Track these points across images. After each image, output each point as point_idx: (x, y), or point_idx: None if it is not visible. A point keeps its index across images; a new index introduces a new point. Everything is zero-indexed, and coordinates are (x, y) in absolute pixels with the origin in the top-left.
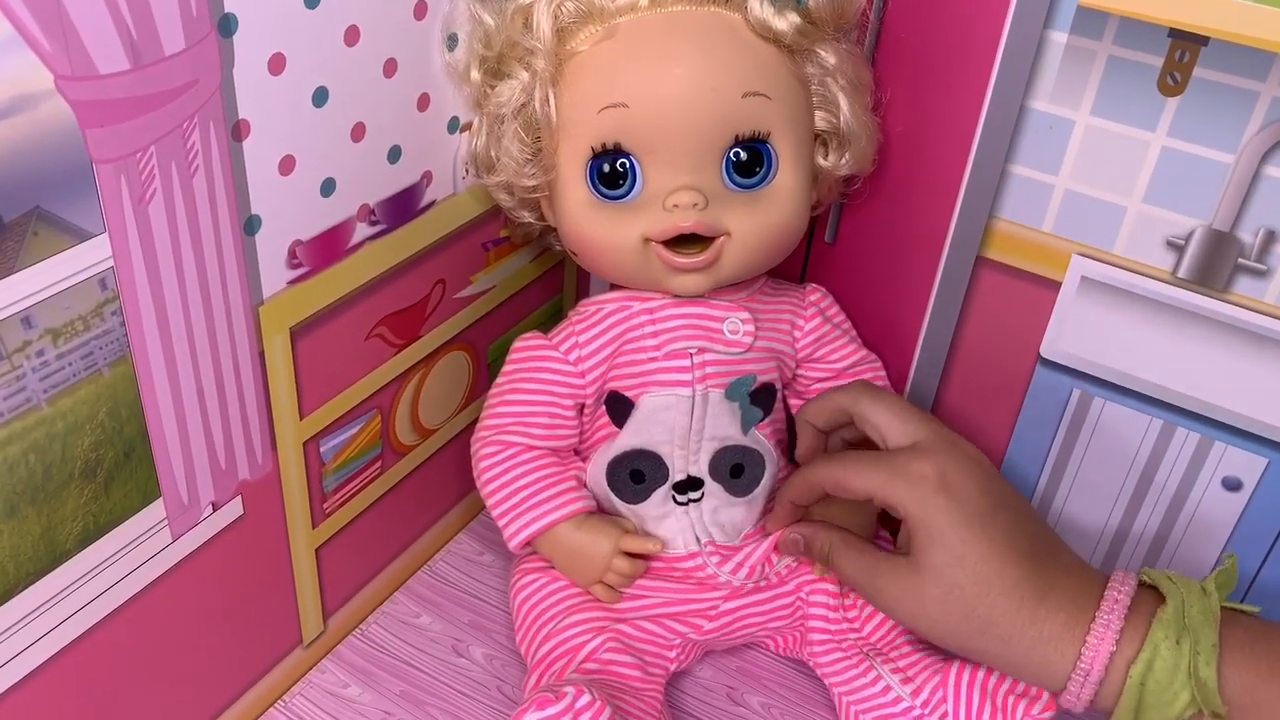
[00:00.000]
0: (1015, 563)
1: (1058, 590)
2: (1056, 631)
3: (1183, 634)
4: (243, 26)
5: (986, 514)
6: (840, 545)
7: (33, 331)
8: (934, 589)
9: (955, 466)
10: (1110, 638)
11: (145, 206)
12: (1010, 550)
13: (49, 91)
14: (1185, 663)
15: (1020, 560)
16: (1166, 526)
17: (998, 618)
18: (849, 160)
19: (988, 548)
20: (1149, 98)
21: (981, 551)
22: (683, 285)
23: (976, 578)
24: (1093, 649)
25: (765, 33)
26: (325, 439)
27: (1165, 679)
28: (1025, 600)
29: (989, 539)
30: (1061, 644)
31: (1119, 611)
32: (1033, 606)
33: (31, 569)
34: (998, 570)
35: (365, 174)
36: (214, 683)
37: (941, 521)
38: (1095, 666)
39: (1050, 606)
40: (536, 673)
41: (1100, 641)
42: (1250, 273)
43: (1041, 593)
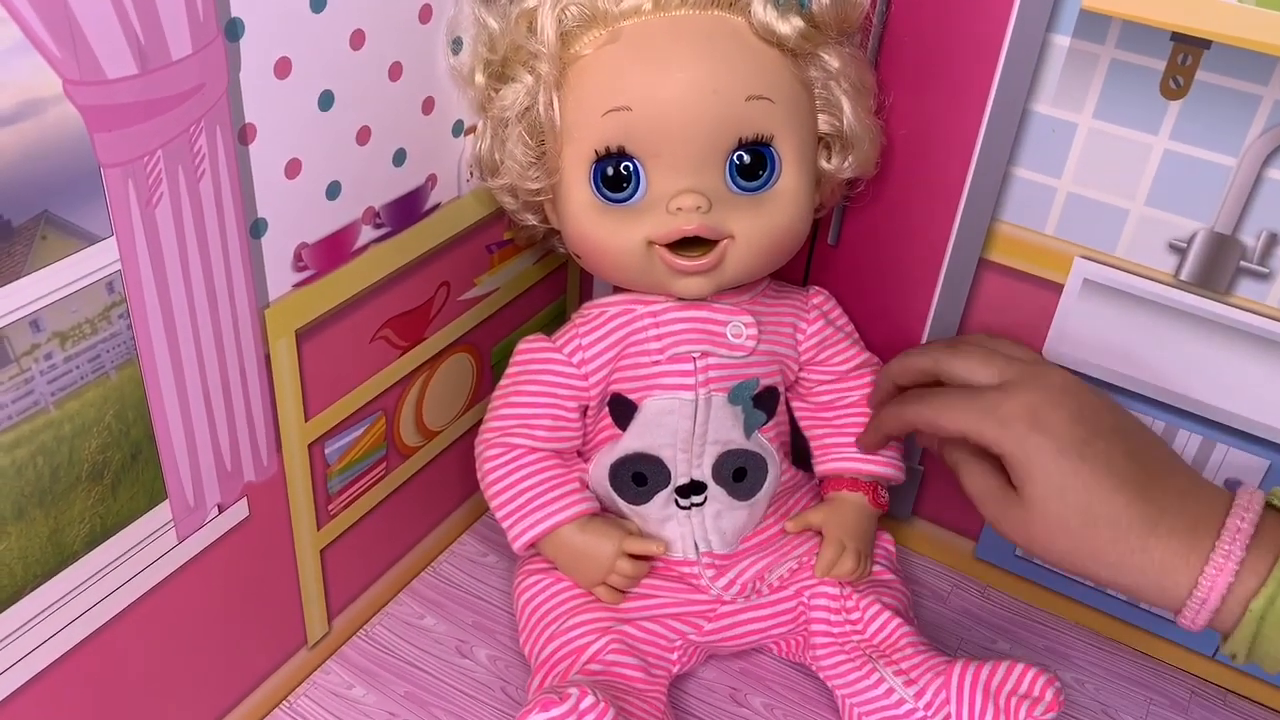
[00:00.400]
0: (1119, 489)
1: (1170, 515)
2: (1169, 560)
3: None
4: (249, 30)
5: (1083, 444)
6: (966, 464)
7: (41, 335)
8: (1041, 523)
9: (1045, 399)
10: (1230, 569)
11: (152, 210)
12: (1112, 478)
13: (57, 96)
14: None
15: (1124, 487)
16: None
17: (1105, 546)
18: (852, 163)
19: (1089, 477)
20: (1151, 101)
21: (1082, 482)
22: (686, 288)
23: (1079, 509)
24: (1210, 579)
25: (769, 36)
26: (330, 441)
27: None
28: (1134, 527)
29: (1089, 468)
30: (1176, 573)
31: (1240, 542)
32: (1143, 534)
33: (39, 571)
34: (1102, 499)
35: (370, 177)
36: (219, 684)
37: (1037, 458)
38: (1212, 597)
39: (1162, 533)
40: (540, 674)
41: (1219, 573)
42: (1252, 275)
43: (1152, 520)
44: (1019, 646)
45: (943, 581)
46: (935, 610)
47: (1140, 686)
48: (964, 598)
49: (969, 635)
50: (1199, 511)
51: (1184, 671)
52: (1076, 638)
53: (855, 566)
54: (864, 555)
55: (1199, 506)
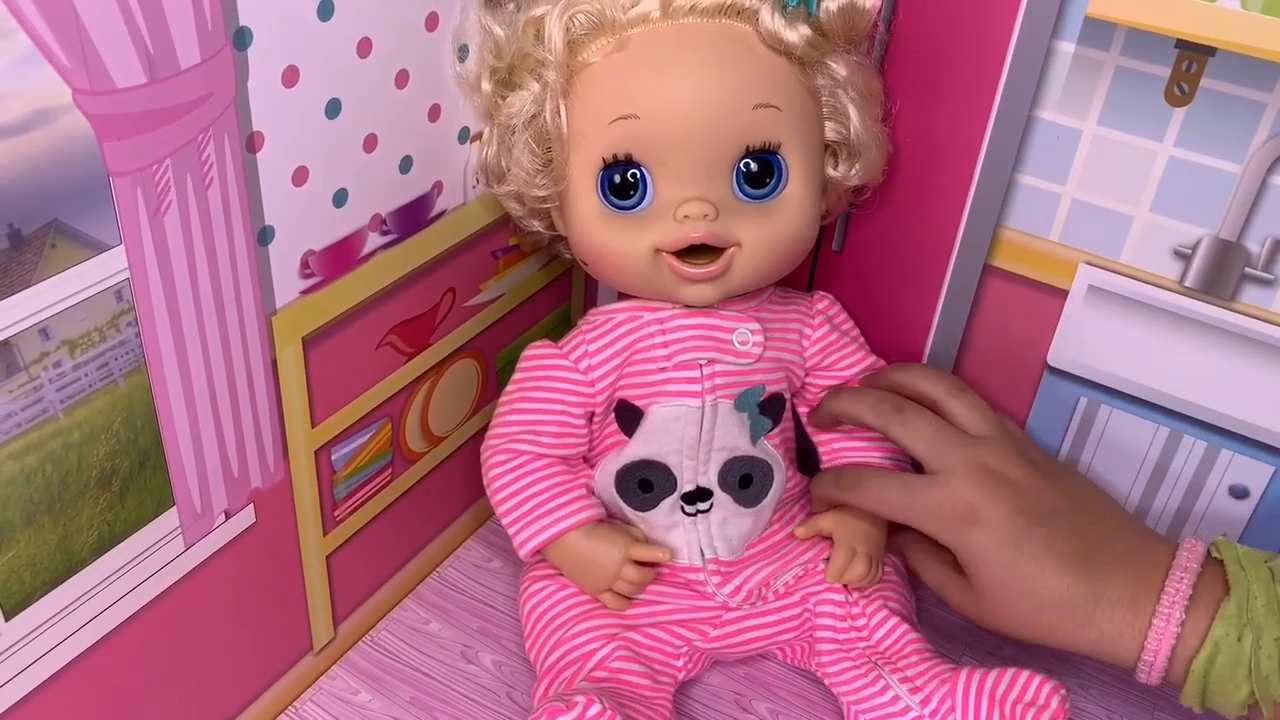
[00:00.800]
0: (1060, 571)
1: (1114, 586)
2: (1116, 630)
3: (1245, 629)
4: (257, 39)
5: (1021, 535)
6: (917, 554)
7: (50, 343)
8: (993, 607)
9: (983, 495)
10: (1171, 633)
11: (161, 218)
12: (1053, 561)
13: (67, 106)
14: (1247, 657)
15: (1065, 568)
16: (1174, 534)
17: (1055, 626)
18: (859, 171)
19: (1029, 565)
20: (1156, 108)
21: (1023, 571)
22: (693, 295)
23: (1024, 595)
24: (1154, 644)
25: (776, 44)
26: (336, 447)
27: (1227, 673)
28: (1079, 606)
29: (1028, 557)
30: (1124, 640)
31: (1179, 605)
32: (1088, 610)
33: (47, 577)
34: (1044, 584)
35: (377, 184)
36: (225, 689)
37: (979, 554)
38: (1158, 660)
39: (1106, 606)
40: (546, 680)
41: (1161, 638)
42: (1257, 282)
43: (1096, 595)
44: (1024, 653)
45: None
46: (940, 616)
47: (1144, 693)
48: None
49: (974, 642)
50: (1141, 576)
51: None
52: None
53: (866, 571)
54: (875, 561)
55: (1141, 571)
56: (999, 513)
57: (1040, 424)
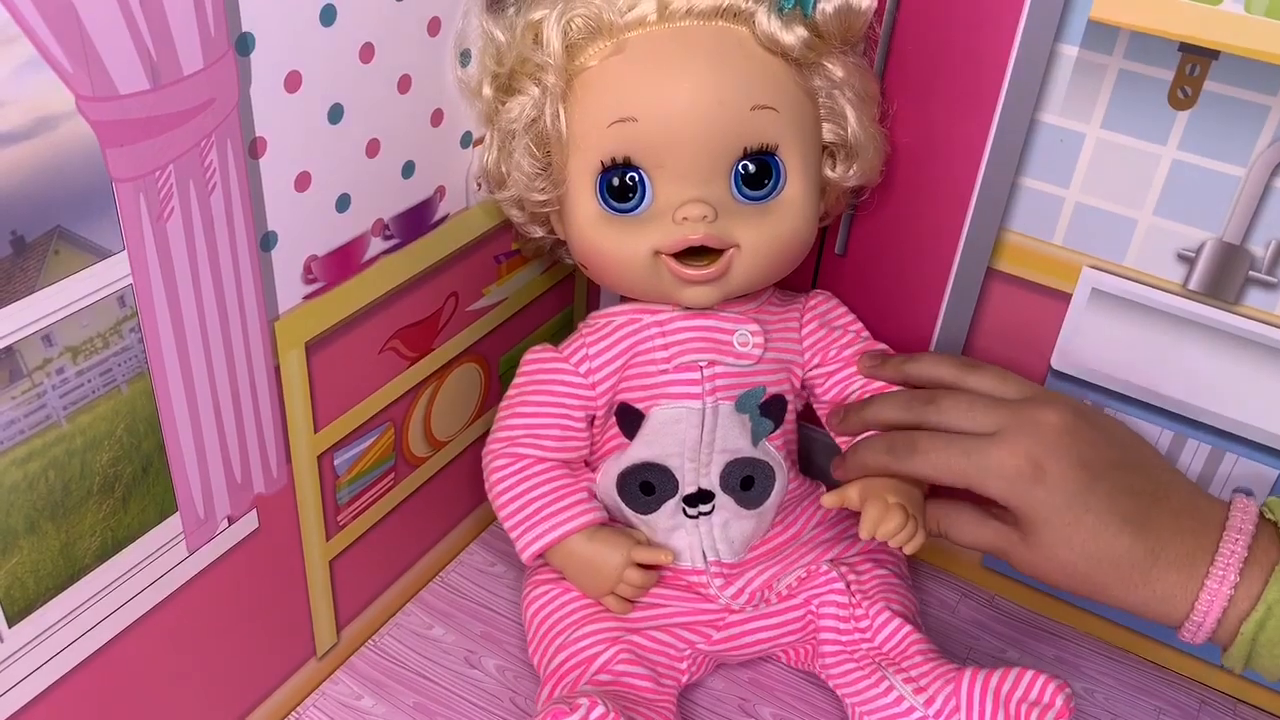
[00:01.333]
0: (1121, 531)
1: (1170, 547)
2: (1170, 590)
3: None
4: (260, 45)
5: (1085, 490)
6: (954, 518)
7: (53, 349)
8: (1049, 564)
9: (1044, 449)
10: (1224, 595)
11: (164, 224)
12: (1114, 519)
13: (70, 112)
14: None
15: (1125, 527)
16: None
17: (1110, 583)
18: (856, 172)
19: (1092, 524)
20: (1160, 111)
21: (1086, 530)
22: (693, 297)
23: (1085, 554)
24: (1205, 605)
25: (773, 46)
26: (339, 452)
27: (1278, 635)
28: (1136, 565)
29: (1093, 515)
30: (1176, 600)
31: (1234, 567)
32: (1145, 569)
33: (50, 584)
34: (1106, 544)
35: (379, 189)
36: (228, 695)
37: (1043, 512)
38: (1208, 620)
39: (1163, 566)
40: (549, 684)
41: (1213, 599)
42: (1261, 285)
43: (1153, 555)
44: (1028, 655)
45: (951, 590)
46: (944, 619)
47: (1150, 696)
48: (973, 607)
49: (978, 644)
50: (1196, 537)
51: (1193, 681)
52: (1086, 647)
53: (902, 523)
54: (912, 513)
55: (1196, 530)
56: (1061, 467)
57: None
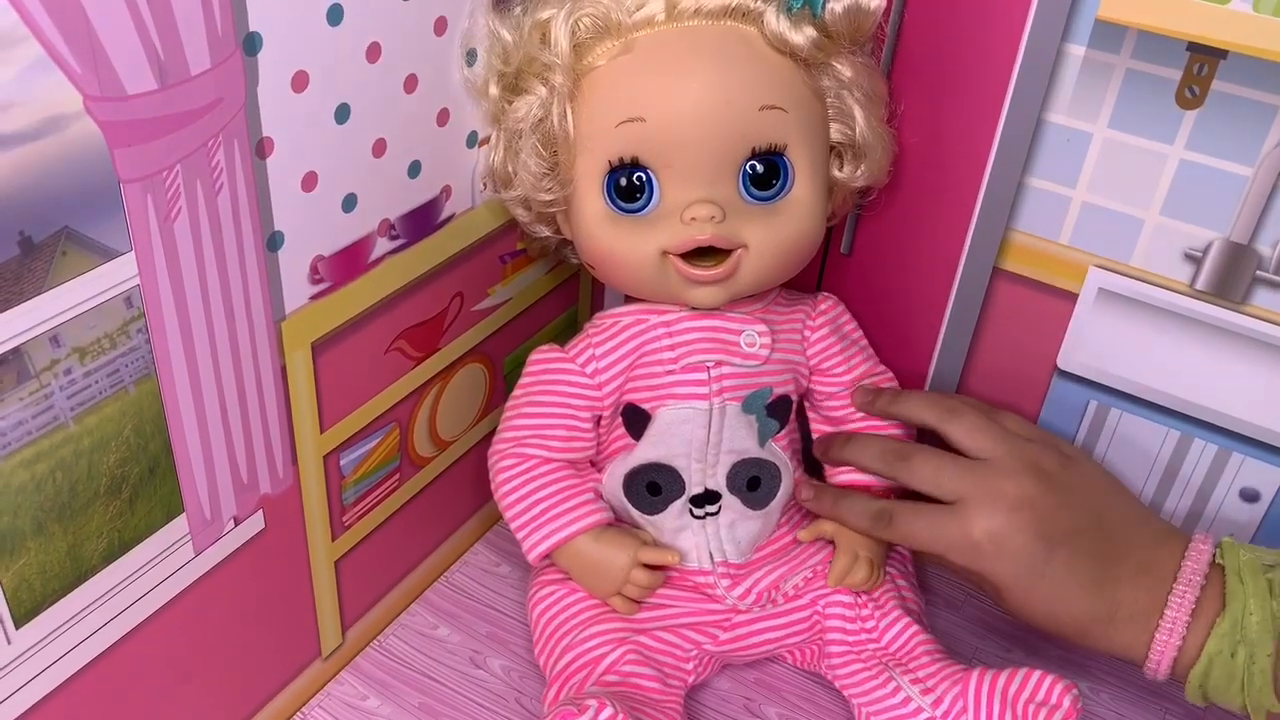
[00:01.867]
0: (1079, 595)
1: (1126, 605)
2: (1128, 641)
3: (1238, 646)
4: (267, 45)
5: (1043, 561)
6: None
7: (60, 350)
8: (1017, 615)
9: (1001, 524)
10: (1174, 645)
11: (171, 224)
12: (1072, 584)
13: (78, 113)
14: (1240, 672)
15: (1083, 591)
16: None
17: (1074, 636)
18: (864, 172)
19: (1049, 590)
20: (1167, 111)
21: (1044, 595)
22: (700, 298)
23: (1046, 613)
24: (1157, 655)
25: (781, 46)
26: (345, 452)
27: (1223, 684)
28: (1096, 622)
29: (1049, 582)
30: (1134, 649)
31: (1182, 619)
32: (1104, 625)
33: (57, 585)
34: (1065, 606)
35: (386, 189)
36: (234, 695)
37: (1003, 579)
38: (1162, 667)
39: (1120, 622)
40: (556, 685)
41: (1164, 650)
42: (1268, 285)
43: (1110, 613)
44: (1034, 655)
45: (957, 591)
46: (949, 619)
47: (1155, 696)
48: (978, 606)
49: (983, 644)
50: (1150, 592)
51: None
52: None
53: (868, 576)
54: (877, 565)
55: (1150, 586)
56: (1020, 541)
57: (1050, 428)
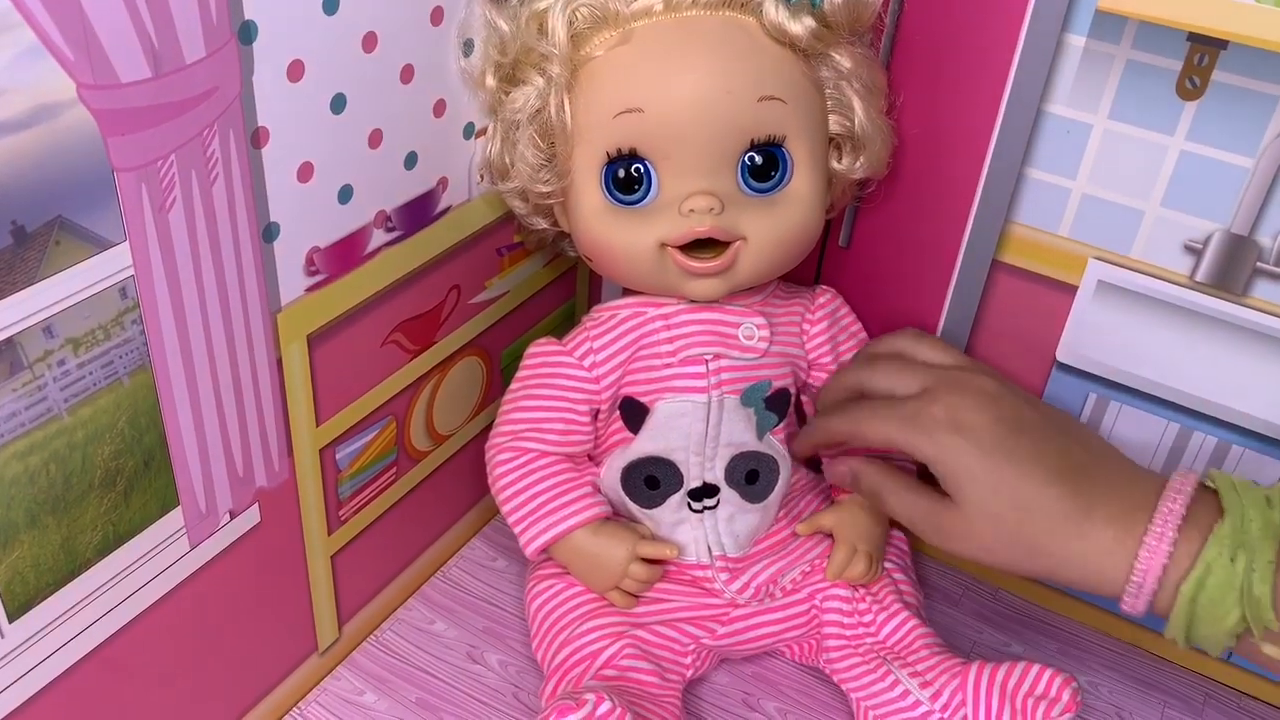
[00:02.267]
0: (1050, 481)
1: (1105, 503)
2: (1107, 545)
3: (1239, 550)
4: (262, 33)
5: (1006, 440)
6: (890, 484)
7: (54, 341)
8: (979, 524)
9: (964, 403)
10: (1163, 551)
11: (165, 215)
12: (1042, 470)
13: (71, 101)
14: (1239, 580)
15: (1054, 479)
16: None
17: (1045, 540)
18: (863, 164)
19: (1016, 473)
20: (1167, 101)
21: (1011, 477)
22: (699, 290)
23: (1014, 504)
24: (1144, 564)
25: (780, 36)
26: (341, 445)
27: (1218, 595)
28: (1069, 516)
29: (1015, 464)
30: (1114, 557)
31: (1172, 524)
32: (1078, 521)
33: (51, 579)
34: (1034, 492)
35: (382, 180)
36: (229, 690)
37: (964, 460)
38: (1148, 581)
39: (1097, 520)
40: (554, 680)
41: (1152, 556)
42: (1269, 277)
43: (1086, 508)
44: (1032, 650)
45: (955, 585)
46: (948, 614)
47: (1154, 689)
48: (976, 601)
49: (981, 639)
50: (1132, 497)
51: (1198, 674)
52: (1090, 640)
53: (866, 570)
54: (875, 559)
55: (1132, 492)
56: (984, 421)
57: None
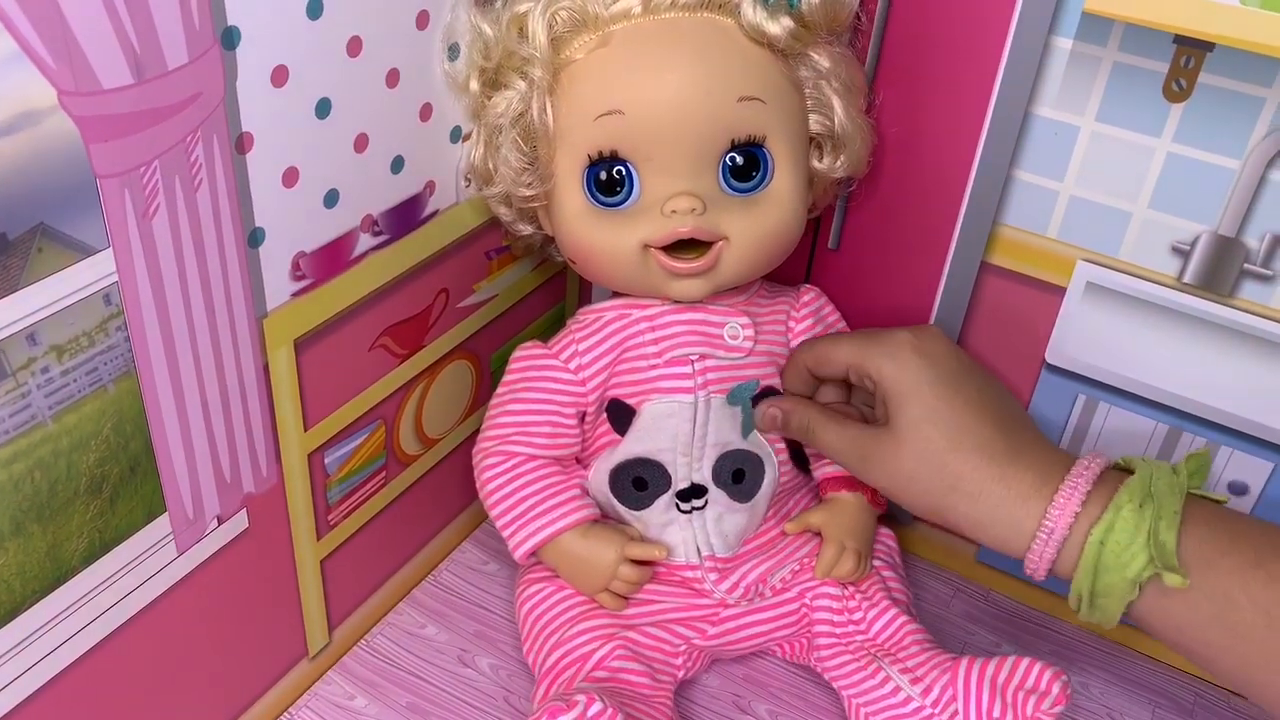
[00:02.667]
0: (987, 422)
1: (1028, 454)
2: (1025, 490)
3: (1146, 500)
4: (245, 39)
5: (960, 375)
6: (819, 418)
7: (37, 348)
8: (909, 445)
9: (928, 336)
10: (1077, 498)
11: (149, 221)
12: (982, 410)
13: (52, 107)
14: (1147, 525)
15: (991, 421)
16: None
17: (968, 473)
18: (844, 162)
19: (961, 405)
20: (1154, 104)
21: (955, 407)
22: (682, 290)
23: (948, 431)
24: (1059, 508)
25: (758, 37)
26: (330, 450)
27: (1125, 539)
28: (996, 457)
29: (962, 398)
30: (1029, 502)
31: (1088, 477)
32: (1003, 464)
33: (37, 587)
34: (969, 427)
35: (368, 184)
36: (219, 697)
37: (916, 378)
38: (1059, 526)
39: (1021, 466)
40: (545, 683)
41: (1067, 500)
42: (1256, 278)
43: (1012, 453)
44: (1023, 650)
45: (945, 585)
46: (938, 614)
47: (1145, 690)
48: (967, 601)
49: (973, 639)
50: (1052, 456)
51: (1189, 675)
52: (1081, 641)
53: (855, 567)
54: (864, 555)
55: (1052, 453)
56: (943, 353)
57: (1038, 421)
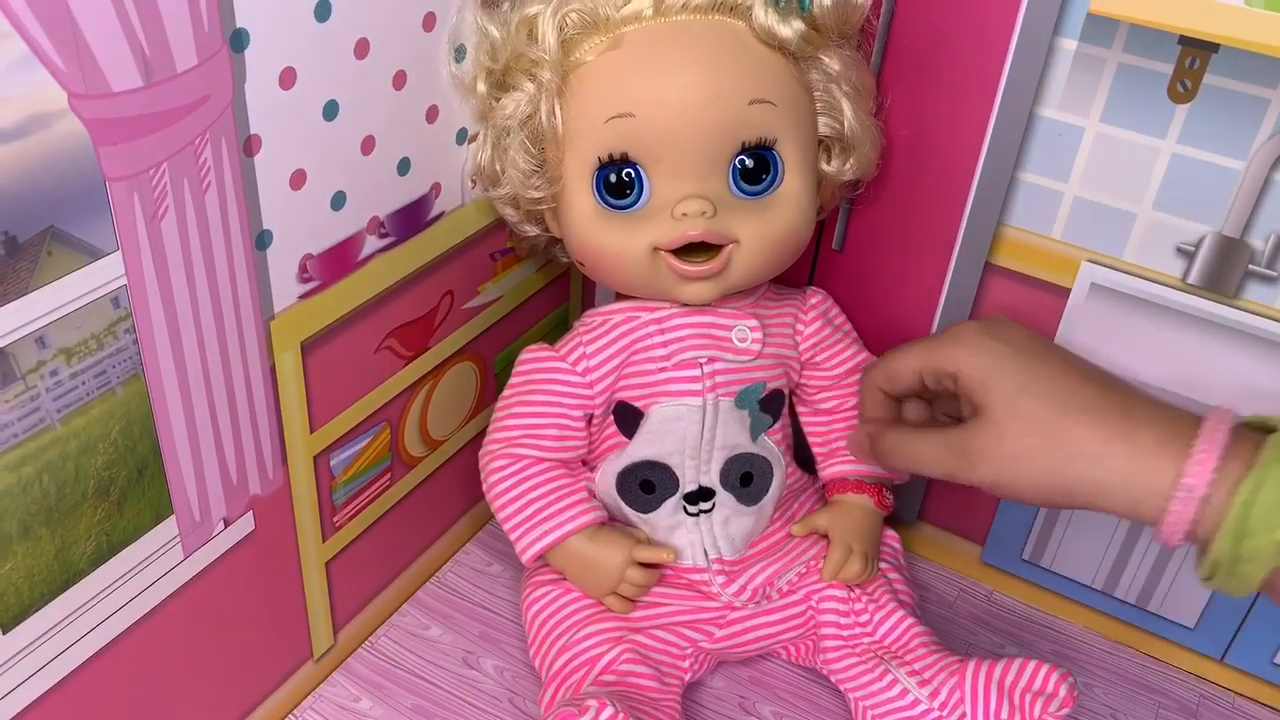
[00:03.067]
0: (1086, 380)
1: (1140, 410)
2: (1151, 446)
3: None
4: (254, 41)
5: (1041, 347)
6: (908, 432)
7: (46, 351)
8: (1011, 424)
9: (996, 321)
10: (1215, 454)
11: (158, 224)
12: (1076, 373)
13: (63, 110)
14: None
15: (1090, 379)
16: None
17: (1085, 434)
18: (853, 165)
19: (1053, 371)
20: (1159, 105)
21: (1048, 375)
22: (692, 294)
23: (1050, 398)
24: (1198, 463)
25: (770, 40)
26: (335, 452)
27: (1276, 498)
28: (1109, 414)
29: (1051, 366)
30: (1159, 459)
31: (1224, 429)
32: (1120, 420)
33: (45, 589)
34: (1071, 388)
35: (375, 186)
36: (225, 698)
37: (998, 357)
38: (1200, 482)
39: (1140, 421)
40: (553, 686)
41: (1206, 456)
42: (1260, 279)
43: (1125, 409)
44: (1027, 651)
45: (949, 586)
46: (943, 615)
47: (1149, 690)
48: (971, 603)
49: (977, 640)
50: (1168, 413)
51: (1193, 676)
52: (1085, 641)
53: (862, 569)
54: (871, 558)
55: (1165, 409)
56: (1015, 332)
57: None
